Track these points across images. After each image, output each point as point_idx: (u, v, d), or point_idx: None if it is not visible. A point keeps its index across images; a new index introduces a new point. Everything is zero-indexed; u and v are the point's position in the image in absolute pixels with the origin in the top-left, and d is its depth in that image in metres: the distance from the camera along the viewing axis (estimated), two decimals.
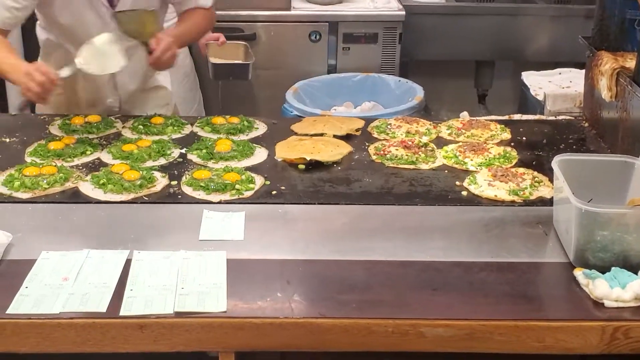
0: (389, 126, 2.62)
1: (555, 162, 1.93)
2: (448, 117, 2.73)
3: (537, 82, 3.21)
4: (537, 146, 2.49)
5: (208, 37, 3.48)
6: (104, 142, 2.46)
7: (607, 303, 1.65)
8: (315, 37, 4.02)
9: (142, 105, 2.83)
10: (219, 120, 2.63)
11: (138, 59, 2.62)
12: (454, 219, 2.04)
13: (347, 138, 2.53)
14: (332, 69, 4.07)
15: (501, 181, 2.18)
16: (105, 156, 2.35)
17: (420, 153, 2.37)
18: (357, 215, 2.05)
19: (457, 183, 2.22)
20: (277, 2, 3.99)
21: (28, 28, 4.25)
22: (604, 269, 1.73)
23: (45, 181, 2.14)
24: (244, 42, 3.69)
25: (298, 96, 3.51)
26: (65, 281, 1.70)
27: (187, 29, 2.70)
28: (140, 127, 2.55)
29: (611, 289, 1.65)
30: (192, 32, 2.75)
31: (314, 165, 2.30)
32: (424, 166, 2.33)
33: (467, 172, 2.29)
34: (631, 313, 1.63)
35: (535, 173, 2.26)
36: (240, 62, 3.58)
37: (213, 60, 3.52)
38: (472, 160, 2.34)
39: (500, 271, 1.79)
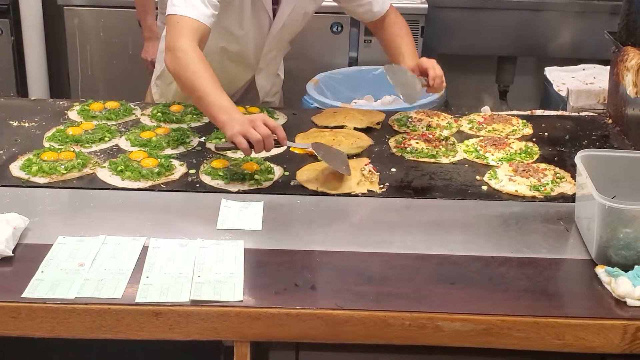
0: (409, 119, 2.60)
1: (579, 158, 1.90)
2: (469, 113, 2.70)
3: (560, 77, 3.18)
4: (559, 142, 2.46)
5: None
6: (123, 129, 2.46)
7: (630, 302, 1.62)
8: (337, 28, 4.00)
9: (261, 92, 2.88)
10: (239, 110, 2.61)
11: (275, 66, 2.75)
12: (474, 213, 2.02)
13: (367, 130, 2.51)
14: (353, 62, 4.05)
15: (522, 176, 2.15)
16: (123, 143, 2.34)
17: (440, 147, 2.35)
18: (376, 207, 2.04)
19: (478, 177, 2.19)
20: None
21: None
22: (626, 267, 1.70)
23: (63, 166, 2.13)
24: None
25: (319, 88, 3.49)
26: (81, 267, 1.69)
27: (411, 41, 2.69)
28: (159, 114, 2.54)
29: (634, 287, 1.62)
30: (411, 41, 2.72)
31: None
32: (444, 160, 2.30)
33: (487, 166, 2.26)
34: None
35: (557, 169, 2.23)
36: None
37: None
38: (493, 154, 2.31)
39: (520, 266, 1.76)
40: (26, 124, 2.47)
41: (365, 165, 2.21)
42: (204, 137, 2.40)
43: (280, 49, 2.80)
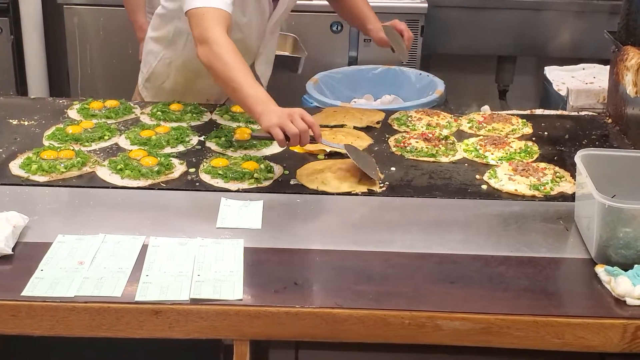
0: (409, 118, 2.60)
1: (578, 157, 1.90)
2: (468, 112, 2.70)
3: (560, 77, 3.18)
4: (558, 141, 2.46)
5: None
6: (122, 128, 2.46)
7: (629, 301, 1.62)
8: (337, 28, 4.00)
9: None
10: (238, 108, 2.61)
11: (273, 47, 2.72)
12: (473, 212, 2.02)
13: (367, 130, 2.51)
14: (352, 61, 4.05)
15: (522, 175, 2.15)
16: (123, 141, 2.34)
17: (440, 146, 2.35)
18: (375, 206, 2.04)
19: (477, 177, 2.19)
20: None
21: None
22: (626, 266, 1.70)
23: (62, 165, 2.13)
24: (293, 35, 3.63)
25: (318, 87, 3.48)
26: (81, 265, 1.69)
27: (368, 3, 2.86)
28: (159, 113, 2.54)
29: (634, 286, 1.62)
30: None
31: (334, 156, 2.28)
32: (444, 159, 2.30)
33: (487, 165, 2.26)
34: None
35: (557, 168, 2.23)
36: (293, 55, 3.52)
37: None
38: (492, 154, 2.31)
39: (519, 266, 1.76)
40: (26, 123, 2.47)
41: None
42: (203, 136, 2.40)
43: (276, 32, 2.80)
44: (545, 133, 2.52)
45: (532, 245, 1.84)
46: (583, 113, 2.79)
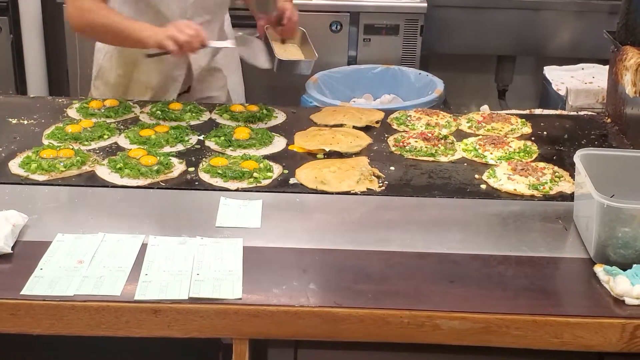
0: (408, 118, 2.60)
1: (577, 157, 1.91)
2: (468, 112, 2.70)
3: (559, 77, 3.18)
4: (558, 141, 2.46)
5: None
6: (122, 127, 2.46)
7: (628, 300, 1.62)
8: (336, 27, 4.00)
9: (201, 86, 2.86)
10: (238, 107, 2.61)
11: (210, 34, 2.64)
12: (473, 212, 2.02)
13: (366, 129, 2.51)
14: (352, 60, 4.05)
15: (521, 175, 2.15)
16: (122, 141, 2.34)
17: (439, 145, 2.35)
18: (375, 206, 2.04)
19: (476, 176, 2.19)
20: None
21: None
22: (625, 266, 1.70)
23: (62, 164, 2.13)
24: (301, 28, 3.57)
25: (318, 87, 3.49)
26: (80, 264, 1.69)
27: None
28: (158, 112, 2.54)
29: (632, 286, 1.62)
30: None
31: (333, 156, 2.28)
32: (443, 159, 2.30)
33: (486, 165, 2.27)
34: None
35: (556, 168, 2.23)
36: (305, 59, 3.46)
37: (279, 56, 3.44)
38: (491, 153, 2.32)
39: (518, 265, 1.76)
40: (25, 122, 2.47)
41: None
42: (203, 135, 2.40)
43: (213, 14, 2.72)
44: (545, 133, 2.52)
45: (531, 245, 1.84)
46: (582, 113, 2.79)
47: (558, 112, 2.83)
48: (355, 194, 2.08)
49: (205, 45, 2.28)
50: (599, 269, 1.72)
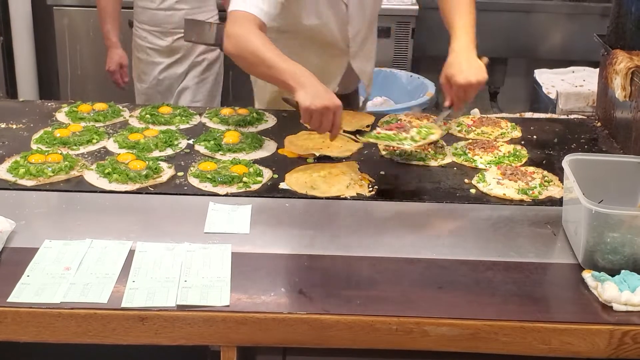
0: (398, 122, 2.59)
1: (566, 162, 1.91)
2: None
3: (550, 80, 3.19)
4: (547, 145, 2.47)
5: None
6: (111, 131, 2.45)
7: (616, 306, 1.62)
8: None
9: None
10: (227, 111, 2.61)
11: (368, 45, 2.73)
12: (462, 216, 2.02)
13: (356, 133, 2.51)
14: None
15: (510, 180, 2.15)
16: (111, 145, 2.34)
17: (429, 149, 2.35)
18: (364, 211, 2.03)
19: (466, 181, 2.19)
20: None
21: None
22: (613, 272, 1.70)
23: (50, 169, 2.12)
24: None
25: None
26: (67, 271, 1.68)
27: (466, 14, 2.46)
28: (148, 116, 2.54)
29: (620, 292, 1.62)
30: None
31: (323, 160, 2.28)
32: (433, 163, 2.30)
33: (476, 169, 2.26)
34: None
35: (545, 172, 2.23)
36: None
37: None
38: (481, 158, 2.31)
39: (507, 271, 1.76)
40: (14, 126, 2.46)
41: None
42: (192, 139, 2.39)
43: (369, 24, 2.74)
44: (534, 137, 2.52)
45: (520, 250, 1.84)
46: (572, 116, 2.79)
47: (548, 115, 2.83)
48: (345, 198, 2.08)
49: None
50: (587, 275, 1.72)
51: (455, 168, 2.27)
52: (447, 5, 2.48)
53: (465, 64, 2.28)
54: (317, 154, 2.30)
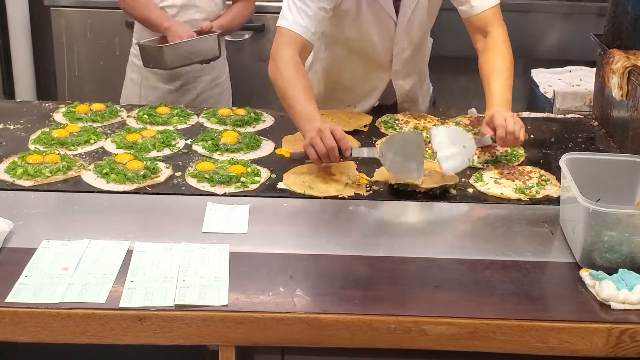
0: (396, 121, 2.60)
1: (563, 161, 1.91)
2: (456, 114, 2.70)
3: (547, 79, 3.19)
4: (545, 144, 2.47)
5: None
6: (108, 131, 2.45)
7: (614, 305, 1.62)
8: None
9: None
10: (225, 111, 2.61)
11: (413, 62, 2.70)
12: (459, 216, 2.02)
13: (354, 133, 2.51)
14: None
15: (508, 179, 2.16)
16: (109, 145, 2.34)
17: (427, 149, 2.35)
18: (362, 210, 2.03)
19: (463, 180, 2.19)
20: None
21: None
22: (610, 270, 1.70)
23: (48, 169, 2.12)
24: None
25: None
26: (65, 271, 1.68)
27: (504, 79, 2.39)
28: (145, 116, 2.54)
29: (618, 290, 1.63)
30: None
31: None
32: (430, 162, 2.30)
33: (473, 169, 2.26)
34: (638, 316, 1.61)
35: (543, 171, 2.23)
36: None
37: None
38: (478, 157, 2.32)
39: (505, 270, 1.76)
40: (11, 127, 2.46)
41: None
42: (190, 139, 2.39)
43: (415, 45, 2.68)
44: (532, 136, 2.53)
45: (517, 249, 1.85)
46: (569, 115, 2.79)
47: (545, 115, 2.84)
48: (343, 198, 2.08)
49: (346, 155, 2.13)
50: (584, 274, 1.72)
51: None
52: (483, 61, 2.51)
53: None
54: None
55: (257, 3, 3.97)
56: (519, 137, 2.19)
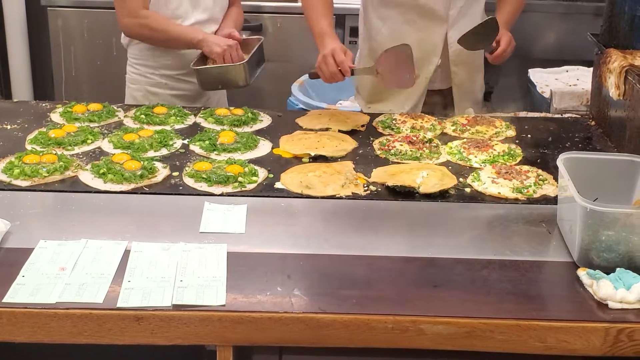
0: (393, 121, 2.60)
1: (560, 160, 1.91)
2: (453, 115, 2.70)
3: (544, 79, 3.19)
4: (542, 144, 2.47)
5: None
6: (105, 131, 2.44)
7: (611, 304, 1.62)
8: None
9: None
10: (222, 111, 2.61)
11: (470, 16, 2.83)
12: (457, 215, 2.02)
13: (352, 133, 2.51)
14: None
15: (505, 178, 2.16)
16: (106, 145, 2.33)
17: (424, 149, 2.35)
18: (359, 210, 2.03)
19: (461, 180, 2.19)
20: None
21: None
22: (608, 270, 1.70)
23: (45, 169, 2.12)
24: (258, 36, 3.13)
25: (304, 89, 3.49)
26: (63, 271, 1.68)
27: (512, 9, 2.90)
28: (143, 116, 2.53)
29: (615, 290, 1.63)
30: None
31: (318, 160, 2.28)
32: (428, 162, 2.30)
33: (471, 168, 2.27)
34: (635, 315, 1.61)
35: (540, 171, 2.23)
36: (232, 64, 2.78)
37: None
38: (476, 157, 2.32)
39: (502, 269, 1.76)
40: (8, 127, 2.45)
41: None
42: (187, 139, 2.39)
43: None
44: (529, 136, 2.53)
45: (515, 249, 1.85)
46: (566, 115, 2.80)
47: (542, 114, 2.84)
48: (341, 198, 2.08)
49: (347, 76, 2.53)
50: (582, 273, 1.72)
51: (450, 167, 2.27)
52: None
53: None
54: (312, 154, 2.30)
55: (254, 3, 3.99)
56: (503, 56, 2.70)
